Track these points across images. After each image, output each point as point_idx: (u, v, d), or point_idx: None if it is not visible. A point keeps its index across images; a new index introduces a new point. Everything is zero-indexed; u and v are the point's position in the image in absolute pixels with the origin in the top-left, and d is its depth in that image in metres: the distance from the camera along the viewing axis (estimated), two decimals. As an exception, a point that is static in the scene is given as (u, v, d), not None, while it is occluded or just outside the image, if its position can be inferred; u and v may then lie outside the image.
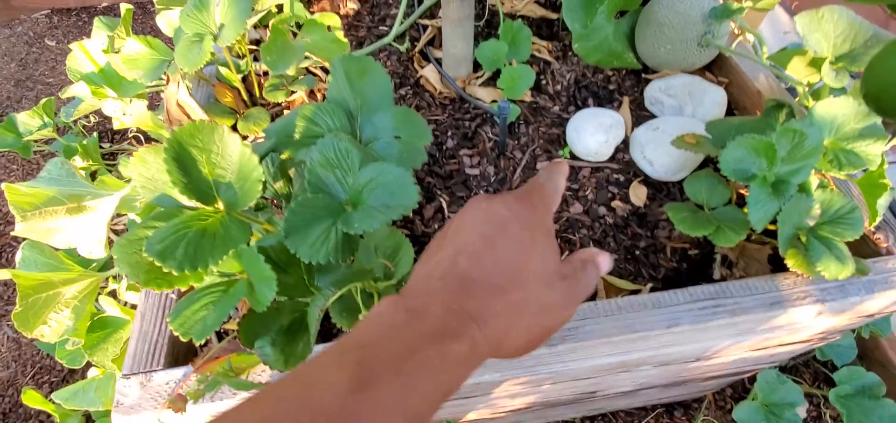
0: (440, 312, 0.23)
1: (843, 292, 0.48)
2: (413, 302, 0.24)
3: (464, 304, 0.24)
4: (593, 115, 0.60)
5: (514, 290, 0.25)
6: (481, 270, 0.25)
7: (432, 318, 0.23)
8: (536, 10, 0.79)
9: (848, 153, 0.46)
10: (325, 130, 0.46)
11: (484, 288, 0.24)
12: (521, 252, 0.26)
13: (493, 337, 0.24)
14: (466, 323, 0.23)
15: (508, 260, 0.26)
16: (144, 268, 0.36)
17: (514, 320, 0.25)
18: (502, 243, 0.26)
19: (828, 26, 0.47)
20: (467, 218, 0.28)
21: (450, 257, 0.26)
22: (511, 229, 0.26)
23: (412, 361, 0.21)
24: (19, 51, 1.78)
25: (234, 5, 0.50)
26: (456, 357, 0.22)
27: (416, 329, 0.22)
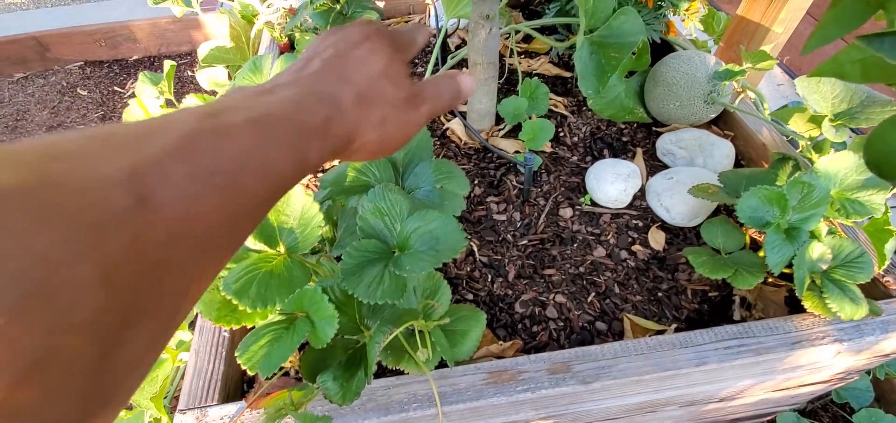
0: (293, 90, 0.24)
1: (860, 331, 0.51)
2: (265, 86, 0.24)
3: (315, 89, 0.24)
4: (612, 165, 0.65)
5: (361, 82, 0.26)
6: (332, 67, 0.26)
7: (284, 92, 0.23)
8: (551, 69, 0.85)
9: (853, 202, 0.50)
10: (372, 180, 0.51)
11: (333, 78, 0.26)
12: (370, 56, 0.28)
13: (345, 125, 0.24)
14: (318, 102, 0.24)
15: (358, 62, 0.27)
16: (216, 305, 0.40)
17: (364, 112, 0.26)
18: (354, 53, 0.27)
19: (826, 89, 0.53)
20: (325, 38, 0.29)
21: (302, 61, 0.27)
22: (363, 44, 0.28)
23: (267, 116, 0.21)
24: (52, 99, 1.87)
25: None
26: (309, 126, 0.22)
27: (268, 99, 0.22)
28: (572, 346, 0.54)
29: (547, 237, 0.63)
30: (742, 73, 0.61)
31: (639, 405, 0.56)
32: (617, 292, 0.58)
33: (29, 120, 1.80)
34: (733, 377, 0.52)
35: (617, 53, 0.60)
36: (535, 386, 0.46)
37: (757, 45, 0.69)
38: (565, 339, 0.55)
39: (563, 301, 0.57)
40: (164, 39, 1.98)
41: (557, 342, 0.54)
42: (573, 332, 0.55)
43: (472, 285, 0.59)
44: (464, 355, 0.49)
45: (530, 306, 0.57)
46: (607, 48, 0.61)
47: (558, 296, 0.58)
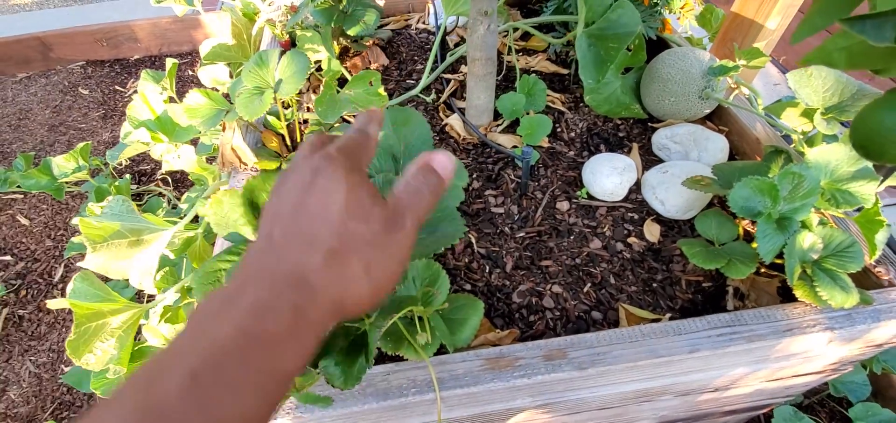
0: (252, 291, 0.22)
1: (851, 320, 0.52)
2: (228, 287, 0.23)
3: (277, 274, 0.22)
4: (608, 159, 0.66)
5: (329, 238, 0.23)
6: (293, 232, 0.24)
7: (243, 300, 0.21)
8: (549, 66, 0.86)
9: (843, 193, 0.51)
10: (373, 171, 0.52)
11: (298, 249, 0.23)
12: (327, 200, 0.24)
13: (324, 296, 0.22)
14: (280, 293, 0.22)
15: (318, 212, 0.24)
16: (221, 292, 0.41)
17: (340, 269, 0.23)
18: (309, 199, 0.24)
19: (817, 82, 0.54)
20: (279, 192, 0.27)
21: (265, 235, 0.25)
22: (315, 182, 0.25)
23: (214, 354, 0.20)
24: (54, 98, 1.88)
25: (294, 64, 0.57)
26: (274, 333, 0.21)
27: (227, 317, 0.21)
28: (569, 334, 0.55)
29: (544, 230, 0.64)
30: (735, 69, 0.62)
31: (634, 393, 0.57)
32: (612, 283, 0.59)
33: (32, 119, 1.81)
34: (726, 364, 0.53)
35: (615, 45, 0.61)
36: (532, 372, 0.47)
37: (750, 42, 0.70)
38: (561, 328, 0.56)
39: (559, 292, 0.58)
40: (165, 39, 1.99)
41: (554, 331, 0.55)
42: (569, 321, 0.56)
43: (470, 276, 0.60)
44: (462, 342, 0.50)
45: (527, 296, 0.58)
46: (605, 40, 0.62)
47: (555, 286, 0.59)
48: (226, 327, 0.20)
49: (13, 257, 1.38)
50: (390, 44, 0.94)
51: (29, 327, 1.23)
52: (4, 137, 1.75)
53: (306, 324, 0.22)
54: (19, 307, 1.27)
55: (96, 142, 1.72)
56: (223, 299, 0.22)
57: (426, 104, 0.81)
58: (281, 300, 0.21)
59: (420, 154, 0.28)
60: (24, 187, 1.27)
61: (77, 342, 0.57)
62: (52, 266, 1.38)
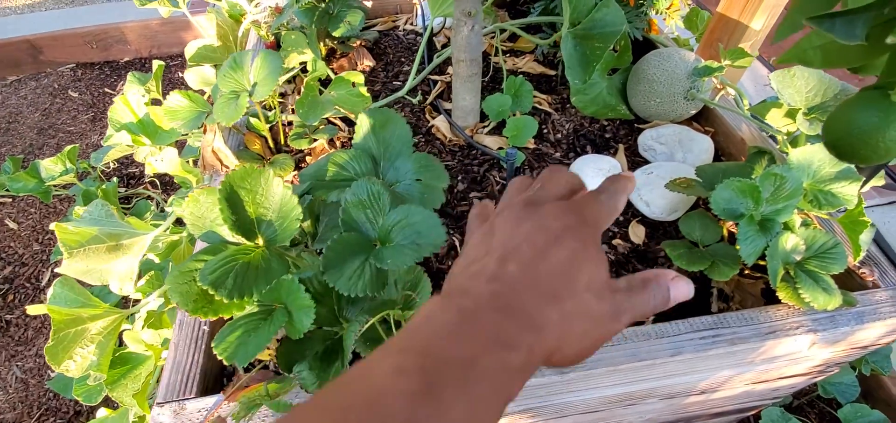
0: (495, 318, 0.23)
1: (834, 322, 0.51)
2: (463, 302, 0.23)
3: (517, 311, 0.23)
4: (593, 160, 0.66)
5: (567, 299, 0.24)
6: (532, 277, 0.24)
7: (487, 324, 0.22)
8: (536, 68, 0.86)
9: (826, 194, 0.50)
10: (353, 175, 0.51)
11: (536, 295, 0.24)
12: (572, 262, 0.25)
13: (547, 346, 0.23)
14: (522, 330, 0.23)
15: (560, 269, 0.25)
16: (194, 297, 0.40)
17: (567, 328, 0.24)
18: (554, 252, 0.25)
19: (800, 83, 0.54)
20: (514, 224, 0.27)
21: (497, 260, 0.25)
22: (563, 240, 0.26)
23: (474, 370, 0.20)
24: (43, 101, 1.87)
25: (267, 65, 0.56)
26: (514, 366, 0.22)
27: (474, 336, 0.22)
28: (552, 338, 0.54)
29: (529, 232, 0.63)
30: (720, 69, 0.62)
31: (618, 397, 0.57)
32: (597, 286, 0.58)
33: (21, 122, 1.80)
34: (709, 367, 0.53)
35: (600, 44, 0.61)
36: (513, 377, 0.47)
37: (736, 43, 0.70)
38: (545, 331, 0.55)
39: (543, 294, 0.58)
40: (155, 41, 1.98)
41: (537, 335, 0.55)
42: (553, 324, 0.56)
43: (454, 279, 0.59)
44: (443, 347, 0.49)
45: (511, 299, 0.57)
46: (591, 40, 0.61)
47: (539, 289, 0.58)
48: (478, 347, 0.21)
49: (0, 262, 1.37)
50: (377, 45, 0.94)
51: (16, 332, 1.22)
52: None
53: (532, 364, 0.23)
54: (6, 312, 1.26)
55: (85, 145, 1.70)
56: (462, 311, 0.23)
57: (412, 106, 0.81)
58: (522, 340, 0.22)
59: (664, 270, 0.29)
60: (11, 191, 1.25)
61: (56, 349, 0.56)
62: (39, 270, 1.36)
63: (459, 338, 0.22)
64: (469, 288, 0.24)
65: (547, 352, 0.24)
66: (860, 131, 0.26)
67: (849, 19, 0.22)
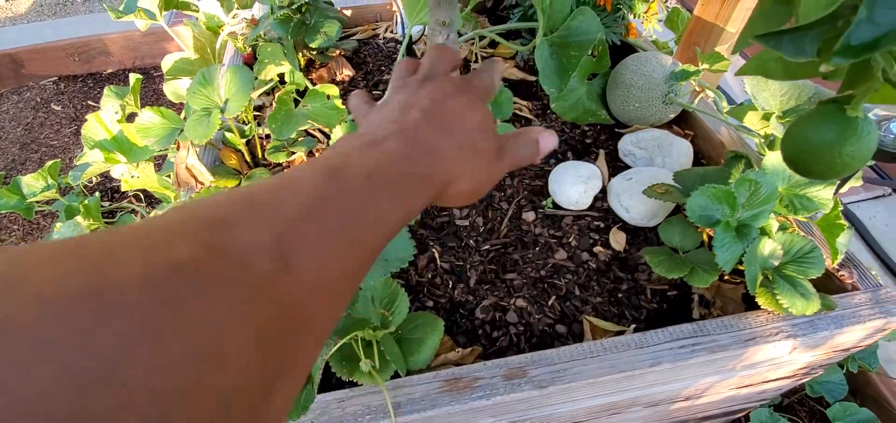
0: (398, 142, 0.25)
1: (813, 326, 0.51)
2: (372, 135, 0.26)
3: (418, 141, 0.26)
4: (572, 167, 0.65)
5: (459, 133, 0.28)
6: (431, 118, 0.28)
7: (391, 146, 0.25)
8: (516, 73, 0.86)
9: (801, 198, 0.50)
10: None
11: (434, 130, 0.27)
12: (465, 109, 0.29)
13: (444, 173, 0.26)
14: (422, 154, 0.25)
15: (454, 112, 0.29)
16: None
17: (460, 163, 0.27)
18: (449, 102, 0.29)
19: (774, 86, 0.53)
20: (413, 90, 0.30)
21: (400, 109, 0.28)
22: (456, 96, 0.30)
23: (378, 172, 0.23)
24: (26, 115, 1.84)
25: (237, 80, 0.55)
26: (415, 178, 0.24)
27: (376, 153, 0.24)
28: (532, 350, 0.53)
29: (509, 241, 0.63)
30: (697, 73, 0.62)
31: (601, 407, 0.56)
32: (577, 295, 0.58)
33: (3, 137, 1.77)
34: (690, 375, 0.52)
35: (576, 52, 0.60)
36: (491, 393, 0.46)
37: (713, 46, 0.70)
38: (525, 343, 0.54)
39: (523, 305, 0.57)
40: (137, 52, 1.96)
41: (517, 347, 0.54)
42: (533, 336, 0.55)
43: (433, 292, 0.59)
44: (420, 363, 0.48)
45: (491, 311, 0.57)
46: (567, 47, 0.61)
47: (519, 300, 0.57)
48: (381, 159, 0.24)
49: (-20, 281, 1.34)
50: (357, 54, 0.93)
51: None
52: (-26, 157, 1.70)
53: (432, 184, 0.26)
54: (-14, 333, 1.23)
55: (69, 159, 1.68)
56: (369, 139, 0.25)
57: (393, 115, 0.80)
58: (420, 159, 0.25)
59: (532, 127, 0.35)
60: (-10, 209, 1.23)
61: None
62: (21, 289, 1.34)
63: (365, 154, 0.24)
64: (376, 126, 0.27)
65: (444, 180, 0.26)
66: (815, 148, 0.25)
67: (797, 36, 0.22)
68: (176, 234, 0.15)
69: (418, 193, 0.24)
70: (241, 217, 0.17)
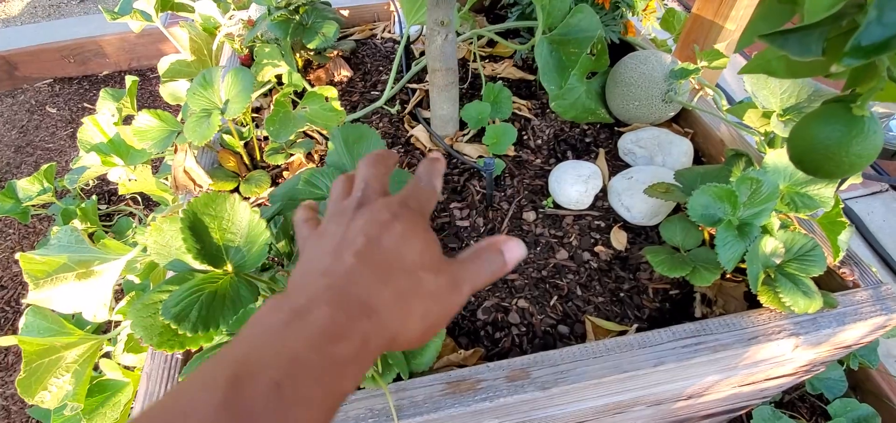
0: (326, 311, 0.22)
1: (816, 324, 0.51)
2: (296, 301, 0.23)
3: (350, 299, 0.23)
4: (572, 166, 0.65)
5: (400, 277, 0.25)
6: (365, 263, 0.25)
7: (316, 318, 0.22)
8: (515, 73, 0.85)
9: (802, 196, 0.50)
10: (325, 193, 0.50)
11: (370, 279, 0.24)
12: (404, 243, 0.26)
13: (386, 329, 0.24)
14: (354, 319, 0.23)
15: (392, 251, 0.26)
16: (158, 330, 0.39)
17: (405, 308, 0.24)
18: (386, 237, 0.26)
19: (774, 84, 0.53)
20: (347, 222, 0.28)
21: (331, 254, 0.26)
22: (393, 225, 0.27)
23: (294, 369, 0.20)
24: (21, 118, 1.83)
25: (238, 82, 0.55)
26: (344, 357, 0.21)
27: (299, 332, 0.21)
28: (535, 351, 0.53)
29: (510, 242, 0.63)
30: (696, 71, 0.62)
31: (605, 407, 0.56)
32: (579, 295, 0.58)
33: (-3, 141, 1.76)
34: (693, 375, 0.52)
35: (575, 50, 0.60)
36: (494, 395, 0.46)
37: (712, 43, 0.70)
38: (527, 344, 0.54)
39: (525, 306, 0.57)
40: (133, 54, 1.95)
41: (520, 348, 0.54)
42: (535, 337, 0.55)
43: (435, 294, 0.58)
44: (423, 366, 0.48)
45: (492, 312, 0.56)
46: (566, 45, 0.61)
47: (520, 301, 0.57)
48: (301, 344, 0.21)
49: (-23, 286, 1.34)
50: (355, 54, 0.92)
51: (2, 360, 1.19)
52: (-32, 161, 1.69)
53: (368, 352, 0.23)
54: (-17, 338, 1.22)
55: (65, 161, 1.67)
56: (292, 310, 0.23)
57: (391, 116, 0.80)
58: (353, 328, 0.22)
59: (495, 236, 0.30)
60: (-14, 213, 1.22)
61: (28, 381, 0.54)
62: (19, 293, 1.33)
63: (283, 338, 0.21)
64: (303, 285, 0.25)
65: (388, 337, 0.24)
66: (823, 146, 0.25)
67: (802, 35, 0.21)
68: None
69: (348, 377, 0.21)
70: None
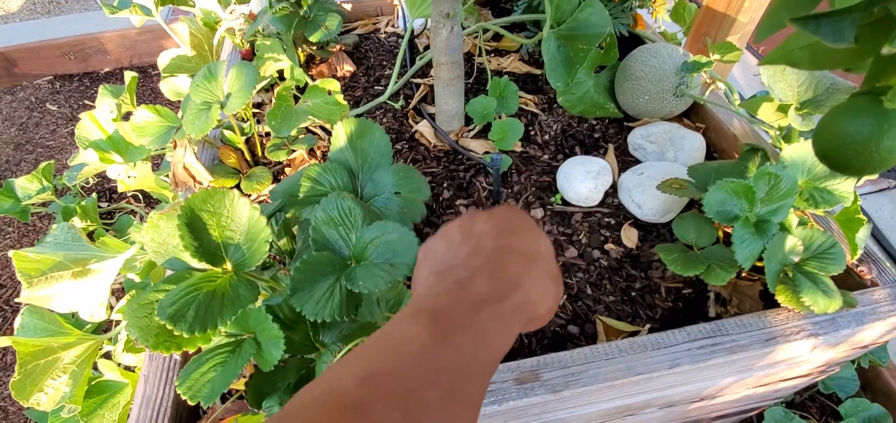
0: (486, 281, 0.27)
1: (835, 324, 0.49)
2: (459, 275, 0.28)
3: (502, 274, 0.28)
4: (581, 162, 0.63)
5: (540, 263, 0.29)
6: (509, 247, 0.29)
7: (480, 286, 0.27)
8: (521, 67, 0.84)
9: (821, 191, 0.48)
10: (328, 189, 0.49)
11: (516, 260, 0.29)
12: (533, 237, 0.31)
13: (530, 300, 0.27)
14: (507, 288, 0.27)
15: (526, 242, 0.31)
16: (154, 331, 0.37)
17: (543, 286, 0.29)
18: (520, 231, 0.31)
19: (791, 77, 0.51)
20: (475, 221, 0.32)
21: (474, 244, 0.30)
22: (524, 222, 0.32)
23: (476, 318, 0.24)
24: (20, 115, 1.82)
25: (242, 76, 0.53)
26: (506, 314, 0.26)
27: (470, 294, 0.26)
28: (544, 352, 0.52)
29: (517, 240, 0.61)
30: (708, 65, 0.60)
31: (616, 410, 0.54)
32: (589, 294, 0.56)
33: (-3, 138, 1.74)
34: (709, 376, 0.50)
35: (584, 45, 0.58)
36: (503, 398, 0.44)
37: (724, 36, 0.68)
38: (537, 345, 0.53)
39: (533, 306, 0.55)
40: (134, 50, 1.93)
41: (528, 349, 0.52)
42: (545, 337, 0.53)
43: (440, 293, 0.57)
44: (428, 367, 0.47)
45: (500, 312, 0.55)
46: (574, 40, 0.59)
47: (529, 300, 0.56)
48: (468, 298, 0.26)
49: (-24, 285, 1.32)
50: (358, 49, 0.91)
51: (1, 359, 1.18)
52: (-32, 160, 1.68)
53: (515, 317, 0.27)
54: (-18, 338, 1.21)
55: (65, 159, 1.66)
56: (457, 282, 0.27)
57: (395, 111, 0.78)
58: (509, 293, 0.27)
59: None
60: (-16, 211, 1.21)
61: (23, 383, 0.53)
62: (18, 292, 1.32)
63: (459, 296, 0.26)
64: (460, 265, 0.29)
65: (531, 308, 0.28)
66: (853, 142, 0.23)
67: (835, 21, 0.20)
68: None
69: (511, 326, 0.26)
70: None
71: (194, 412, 0.49)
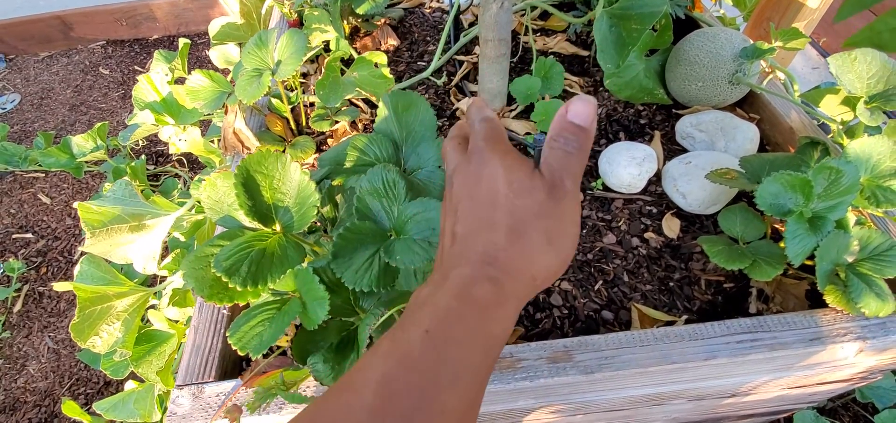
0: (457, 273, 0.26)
1: (885, 329, 0.47)
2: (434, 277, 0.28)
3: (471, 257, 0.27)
4: (626, 148, 0.62)
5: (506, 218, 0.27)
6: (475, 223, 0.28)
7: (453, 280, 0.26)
8: (568, 48, 0.82)
9: (885, 190, 0.46)
10: (373, 160, 0.50)
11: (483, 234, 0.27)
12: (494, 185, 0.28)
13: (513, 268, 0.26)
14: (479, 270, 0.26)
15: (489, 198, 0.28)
16: (209, 283, 0.39)
17: (520, 242, 0.26)
18: (481, 190, 0.28)
19: (861, 68, 0.48)
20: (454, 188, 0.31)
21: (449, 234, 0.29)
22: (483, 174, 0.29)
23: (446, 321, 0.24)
24: (75, 78, 1.91)
25: (292, 44, 0.55)
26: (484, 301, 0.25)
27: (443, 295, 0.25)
28: (576, 334, 0.52)
29: (554, 222, 0.61)
30: (771, 51, 0.57)
31: (644, 398, 0.54)
32: (626, 281, 0.56)
33: (53, 98, 1.85)
34: (745, 372, 0.49)
35: (638, 25, 0.56)
36: (534, 375, 0.45)
37: (788, 22, 0.64)
38: (569, 327, 0.53)
39: (568, 288, 0.55)
40: (182, 19, 1.99)
41: (561, 331, 0.53)
42: (578, 320, 0.53)
43: (475, 270, 0.57)
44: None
45: (534, 292, 0.55)
46: (628, 20, 0.57)
47: (564, 283, 0.56)
48: (442, 300, 0.25)
49: (34, 235, 1.42)
50: (402, 23, 0.91)
51: (49, 304, 1.27)
52: (27, 116, 1.79)
53: (504, 294, 0.26)
54: (39, 284, 1.31)
55: (116, 122, 1.74)
56: (433, 285, 0.27)
57: (437, 87, 0.78)
58: (480, 275, 0.26)
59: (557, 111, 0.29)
60: (43, 166, 1.29)
61: (81, 326, 0.57)
62: (72, 244, 1.41)
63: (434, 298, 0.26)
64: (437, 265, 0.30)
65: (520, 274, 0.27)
66: None
67: None
68: None
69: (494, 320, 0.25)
70: None
71: (238, 363, 0.52)
